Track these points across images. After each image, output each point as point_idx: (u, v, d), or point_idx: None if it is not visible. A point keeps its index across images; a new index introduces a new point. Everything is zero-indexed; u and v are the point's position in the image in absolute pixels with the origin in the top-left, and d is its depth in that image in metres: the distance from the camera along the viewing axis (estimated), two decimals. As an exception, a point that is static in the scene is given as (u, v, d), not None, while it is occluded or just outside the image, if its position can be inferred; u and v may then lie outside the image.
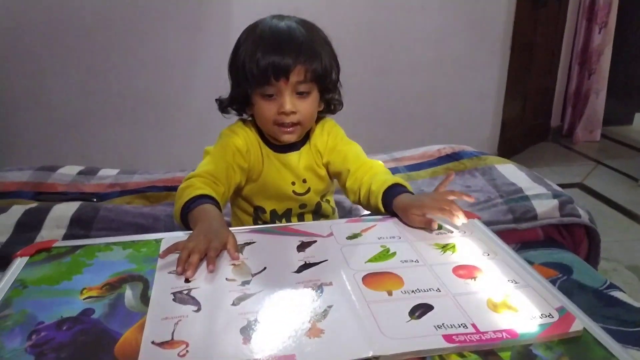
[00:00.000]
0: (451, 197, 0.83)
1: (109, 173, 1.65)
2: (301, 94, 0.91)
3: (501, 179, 1.40)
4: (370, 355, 0.52)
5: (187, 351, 0.53)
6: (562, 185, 1.46)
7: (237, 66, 0.92)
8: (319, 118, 1.02)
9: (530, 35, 3.02)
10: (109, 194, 1.50)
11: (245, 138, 0.98)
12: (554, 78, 3.46)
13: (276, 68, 0.87)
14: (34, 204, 1.34)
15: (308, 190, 1.01)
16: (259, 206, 1.02)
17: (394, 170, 1.59)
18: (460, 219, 0.79)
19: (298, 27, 0.92)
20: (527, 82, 3.14)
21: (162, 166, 1.93)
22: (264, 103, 0.92)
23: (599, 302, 1.00)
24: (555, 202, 1.27)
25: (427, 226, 0.81)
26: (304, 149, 1.01)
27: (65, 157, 2.21)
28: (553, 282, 1.07)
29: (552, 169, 2.99)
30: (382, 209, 0.89)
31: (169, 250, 0.72)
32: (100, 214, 1.29)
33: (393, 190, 0.88)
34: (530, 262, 1.12)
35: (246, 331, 0.56)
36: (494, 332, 0.55)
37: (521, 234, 1.22)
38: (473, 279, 0.66)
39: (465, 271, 0.68)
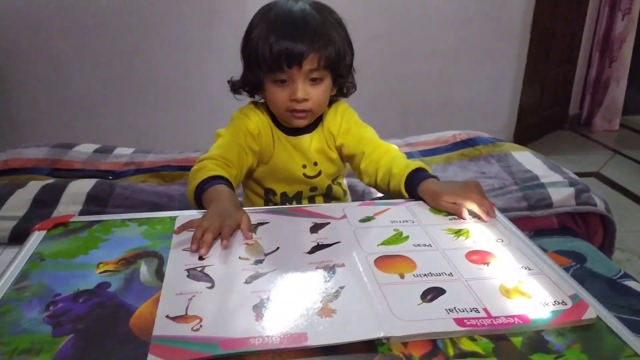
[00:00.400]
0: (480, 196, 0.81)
1: (124, 152, 1.67)
2: (314, 81, 0.91)
3: (517, 166, 1.39)
4: (381, 336, 0.52)
5: (200, 326, 0.54)
6: (578, 174, 1.44)
7: (250, 50, 0.91)
8: (332, 101, 1.01)
9: (551, 22, 2.96)
10: (125, 172, 1.52)
11: (256, 121, 0.98)
12: (574, 66, 3.39)
13: (289, 55, 0.86)
14: (50, 180, 1.36)
15: (319, 174, 1.01)
16: (269, 188, 1.02)
17: (408, 155, 1.57)
18: (488, 218, 0.78)
19: (312, 11, 0.90)
20: (546, 69, 3.08)
21: (176, 147, 1.95)
22: (276, 89, 0.91)
23: (612, 292, 1.00)
24: (571, 190, 1.26)
25: (456, 213, 0.79)
26: (316, 131, 1.00)
27: (81, 138, 2.23)
28: (566, 270, 1.06)
29: (569, 158, 2.95)
30: (405, 193, 0.88)
31: (184, 227, 0.73)
32: (116, 191, 1.30)
33: (417, 175, 0.87)
34: (544, 250, 1.11)
35: (258, 308, 0.57)
36: (506, 317, 0.55)
37: (535, 221, 1.21)
38: (486, 265, 0.66)
39: (479, 256, 0.67)
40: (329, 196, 1.05)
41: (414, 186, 0.86)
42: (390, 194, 0.93)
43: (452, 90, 2.92)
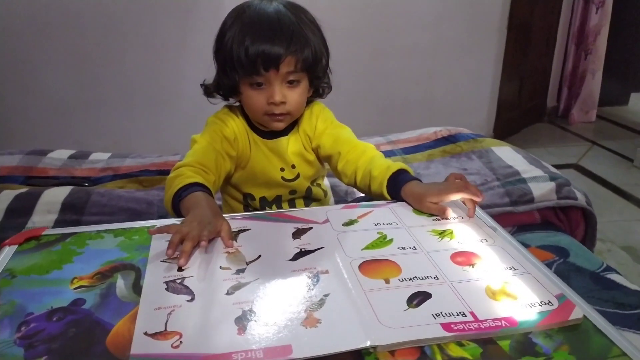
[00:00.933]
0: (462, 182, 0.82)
1: (100, 157, 1.63)
2: (291, 83, 0.89)
3: (498, 161, 1.39)
4: (367, 345, 0.51)
5: (180, 342, 0.52)
6: (557, 166, 1.46)
7: (224, 53, 0.88)
8: (308, 102, 0.99)
9: (527, 16, 2.99)
10: (101, 179, 1.48)
11: (232, 125, 0.96)
12: (550, 59, 3.43)
13: (266, 58, 0.84)
14: (24, 189, 1.32)
15: (297, 176, 1.00)
16: (248, 193, 1.00)
17: (390, 153, 1.58)
18: (479, 197, 0.78)
19: (287, 11, 0.88)
20: (524, 63, 3.11)
21: (155, 149, 1.91)
22: (252, 93, 0.89)
23: (596, 285, 1.00)
24: (552, 184, 1.26)
25: (440, 214, 0.79)
26: (293, 134, 0.99)
27: (56, 142, 2.17)
28: (549, 265, 1.07)
29: (548, 150, 2.99)
30: (387, 196, 0.87)
31: (160, 230, 0.71)
32: (92, 198, 1.27)
33: (399, 177, 0.86)
34: (527, 245, 1.12)
35: (241, 321, 0.55)
36: (493, 320, 0.55)
37: (518, 216, 1.22)
38: (471, 266, 0.65)
39: (464, 258, 0.67)
40: (309, 198, 1.03)
41: (397, 190, 0.85)
42: (372, 196, 0.91)
43: (432, 87, 2.93)
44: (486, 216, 0.79)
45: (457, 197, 0.79)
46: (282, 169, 0.98)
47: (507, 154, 1.44)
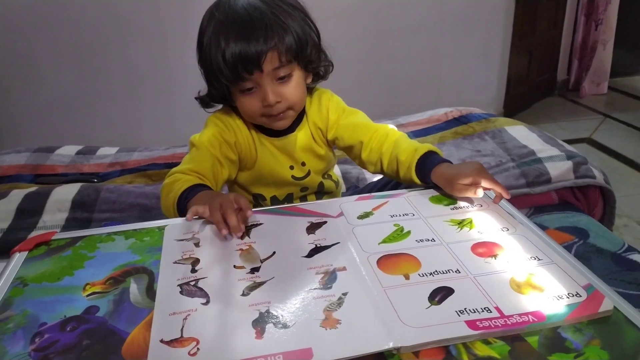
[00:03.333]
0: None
1: (108, 152, 1.62)
2: (282, 79, 0.83)
3: (512, 141, 1.36)
4: (390, 347, 0.49)
5: (197, 349, 0.51)
6: (570, 141, 1.42)
7: (205, 62, 0.83)
8: (312, 89, 0.94)
9: (535, -13, 2.91)
10: (110, 174, 1.47)
11: (232, 126, 0.91)
12: (560, 31, 3.35)
13: (245, 60, 0.78)
14: (33, 188, 1.32)
15: (308, 173, 0.96)
16: (258, 194, 0.97)
17: (400, 137, 1.55)
18: (507, 194, 0.75)
19: (257, 2, 0.80)
20: (532, 36, 3.04)
21: (162, 141, 1.89)
22: (245, 99, 0.84)
23: (618, 267, 0.98)
24: (569, 163, 1.23)
25: (471, 194, 0.75)
26: (300, 128, 0.93)
27: (63, 138, 2.16)
28: (569, 247, 1.05)
29: (560, 125, 2.93)
30: (417, 180, 0.83)
31: (196, 212, 0.72)
32: (102, 195, 1.26)
33: (428, 160, 0.82)
34: (545, 227, 1.10)
35: (258, 324, 0.53)
36: (520, 315, 0.53)
37: (535, 198, 1.19)
38: (493, 257, 0.63)
39: (485, 249, 0.64)
40: (322, 192, 1.01)
41: (427, 173, 0.81)
42: (402, 182, 0.88)
43: (439, 65, 2.87)
44: (507, 204, 0.77)
45: (487, 185, 0.75)
46: (291, 167, 0.94)
47: (522, 133, 1.40)
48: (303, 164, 0.95)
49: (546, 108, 3.27)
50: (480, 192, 0.75)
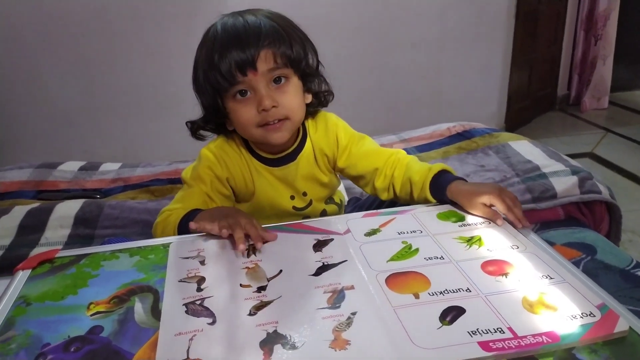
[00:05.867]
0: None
1: (110, 167, 1.61)
2: (278, 83, 0.80)
3: (516, 156, 1.36)
4: (402, 369, 0.48)
5: (204, 371, 0.50)
6: (571, 156, 1.41)
7: (200, 82, 0.81)
8: (314, 112, 0.91)
9: (534, 3, 2.94)
10: (112, 189, 1.46)
11: (225, 160, 0.87)
12: (560, 46, 3.37)
13: (239, 62, 0.76)
14: (36, 204, 1.31)
15: (310, 203, 0.93)
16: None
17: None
18: (523, 224, 0.74)
19: (254, 18, 0.80)
20: (533, 52, 3.06)
21: (165, 157, 1.89)
22: (240, 106, 0.80)
23: (627, 283, 0.97)
24: (575, 178, 1.22)
25: (492, 218, 0.74)
26: (302, 156, 0.90)
27: (65, 153, 2.17)
28: (577, 263, 1.03)
29: (561, 139, 2.93)
30: (431, 199, 0.83)
31: (201, 227, 0.73)
32: (104, 211, 1.25)
33: (441, 178, 0.82)
34: (552, 243, 1.08)
35: (266, 344, 0.52)
36: (533, 336, 0.51)
37: (541, 213, 1.18)
38: (504, 276, 0.62)
39: (495, 267, 0.63)
40: (324, 216, 0.97)
41: (442, 191, 0.80)
42: (414, 203, 0.86)
43: (440, 80, 2.89)
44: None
45: (504, 210, 0.74)
46: (292, 197, 0.91)
47: (525, 148, 1.40)
48: (304, 193, 0.92)
49: (547, 123, 3.27)
50: (500, 222, 0.74)
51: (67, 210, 1.25)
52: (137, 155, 2.24)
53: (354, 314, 0.56)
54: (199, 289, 0.63)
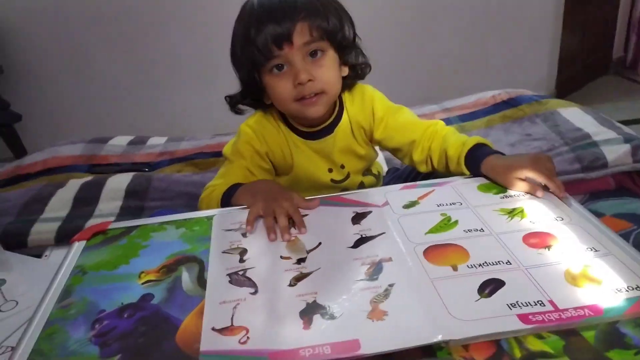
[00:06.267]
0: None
1: (157, 142, 1.67)
2: (314, 56, 0.79)
3: (565, 124, 1.30)
4: (439, 340, 0.49)
5: (247, 337, 0.52)
6: (627, 122, 1.34)
7: (237, 56, 0.82)
8: (351, 85, 0.91)
9: (589, -43, 2.75)
10: (159, 163, 1.51)
11: (264, 135, 0.89)
12: (616, 5, 3.15)
13: (276, 36, 0.76)
14: (89, 177, 1.37)
15: (347, 176, 0.93)
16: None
17: (446, 122, 1.50)
18: (562, 194, 0.72)
19: None
20: (585, 12, 2.87)
21: (208, 130, 1.93)
22: (276, 81, 0.80)
23: (681, 257, 0.92)
24: (627, 147, 1.17)
25: (530, 191, 0.73)
26: (339, 129, 0.90)
27: (113, 127, 2.24)
28: (627, 235, 1.00)
29: (616, 105, 2.77)
30: (468, 174, 0.82)
31: (250, 222, 0.72)
32: (152, 184, 1.30)
33: (477, 152, 0.80)
34: (601, 214, 1.05)
35: (305, 314, 0.54)
36: (575, 309, 0.51)
37: (590, 183, 1.14)
38: (547, 248, 0.60)
39: (538, 239, 0.62)
40: (362, 188, 0.98)
41: (477, 166, 0.79)
42: (452, 175, 0.85)
43: (485, 45, 2.77)
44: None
45: (541, 180, 0.72)
46: (329, 170, 0.92)
47: (576, 115, 1.34)
48: (342, 166, 0.92)
49: (601, 88, 3.10)
50: (540, 194, 0.72)
51: (118, 183, 1.30)
52: (180, 129, 2.30)
53: (391, 285, 0.57)
54: (242, 260, 0.65)
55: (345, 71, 0.87)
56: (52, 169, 1.48)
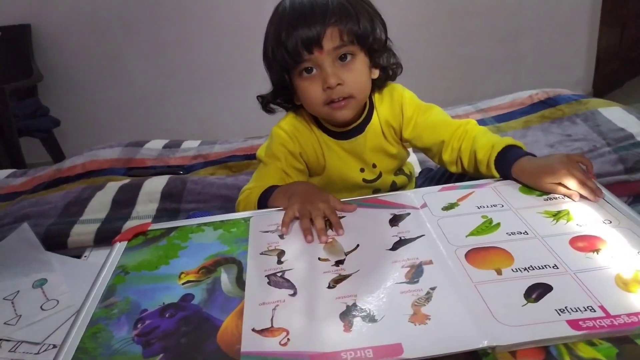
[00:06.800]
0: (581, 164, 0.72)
1: (191, 145, 1.69)
2: (344, 60, 0.79)
3: (607, 124, 1.26)
4: (485, 345, 0.47)
5: (287, 339, 0.52)
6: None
7: (268, 56, 0.83)
8: (381, 85, 0.90)
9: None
10: (194, 166, 1.54)
11: (296, 136, 0.89)
12: (658, -2, 3.04)
13: (306, 40, 0.76)
14: (126, 180, 1.40)
15: (379, 175, 0.93)
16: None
17: (480, 123, 1.45)
18: (596, 199, 0.69)
19: None
20: (625, 6, 2.78)
21: (240, 133, 1.95)
22: (306, 84, 0.81)
23: None
24: (674, 147, 1.12)
25: (566, 195, 0.70)
26: (369, 128, 0.90)
27: (149, 131, 2.30)
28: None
29: (658, 104, 2.68)
30: (499, 177, 0.80)
31: (286, 224, 0.72)
32: (187, 187, 1.32)
33: (507, 155, 0.78)
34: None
35: (346, 317, 0.54)
36: (628, 315, 0.49)
37: (635, 185, 1.10)
38: (595, 252, 0.58)
39: (585, 243, 0.60)
40: (394, 189, 0.97)
41: (507, 169, 0.77)
42: (483, 177, 0.83)
43: (519, 44, 2.71)
44: (608, 193, 0.71)
45: (575, 188, 0.69)
46: (361, 170, 0.92)
47: (618, 115, 1.29)
48: (374, 165, 0.92)
49: (642, 86, 2.99)
50: (577, 198, 0.69)
51: (154, 186, 1.33)
52: (213, 132, 2.33)
53: (433, 289, 0.56)
54: (280, 262, 0.65)
55: (376, 74, 0.87)
56: (91, 172, 1.53)
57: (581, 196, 0.70)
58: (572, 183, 0.69)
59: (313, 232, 0.70)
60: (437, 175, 1.04)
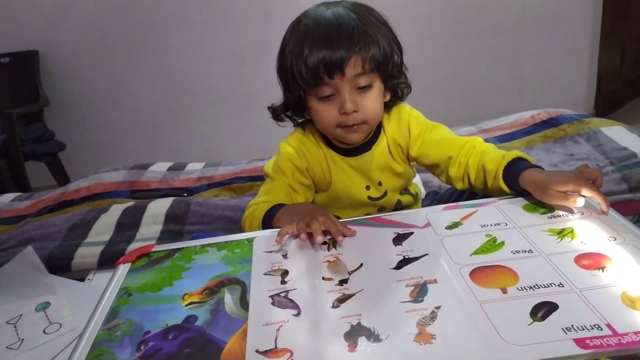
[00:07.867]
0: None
1: (195, 167, 1.70)
2: (362, 89, 0.80)
3: (610, 143, 1.26)
4: (491, 365, 0.47)
5: (292, 360, 0.51)
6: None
7: (285, 69, 0.82)
8: (390, 105, 0.91)
9: (626, -26, 2.70)
10: (198, 188, 1.54)
11: (303, 152, 0.90)
12: (658, 19, 3.07)
13: (328, 64, 0.76)
14: (131, 203, 1.41)
15: (385, 193, 0.93)
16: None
17: (483, 142, 1.49)
18: (606, 209, 0.69)
19: (347, 12, 0.80)
20: (624, 28, 2.81)
21: (244, 155, 1.96)
22: (321, 106, 0.81)
23: None
24: (678, 166, 1.12)
25: (568, 203, 0.70)
26: (377, 146, 0.90)
27: (153, 154, 2.32)
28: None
29: (660, 123, 2.68)
30: (506, 188, 0.79)
31: (283, 235, 0.73)
32: (192, 208, 1.33)
33: (516, 165, 0.78)
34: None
35: (350, 337, 0.53)
36: (635, 333, 0.48)
37: (638, 204, 1.09)
38: (601, 270, 0.58)
39: (591, 261, 0.60)
40: (400, 209, 0.97)
41: (515, 179, 0.76)
42: (489, 193, 0.84)
43: (521, 65, 2.74)
44: (612, 211, 0.71)
45: (588, 194, 0.69)
46: (367, 187, 0.92)
47: (620, 134, 1.30)
48: (380, 183, 0.92)
49: (643, 106, 3.00)
50: (580, 201, 0.69)
51: (158, 208, 1.33)
52: (217, 154, 2.35)
53: (438, 308, 0.55)
54: (283, 282, 0.65)
55: (387, 97, 0.88)
56: (96, 194, 1.53)
57: (585, 211, 0.69)
58: (584, 190, 0.69)
59: (309, 237, 0.71)
60: (444, 197, 1.04)
